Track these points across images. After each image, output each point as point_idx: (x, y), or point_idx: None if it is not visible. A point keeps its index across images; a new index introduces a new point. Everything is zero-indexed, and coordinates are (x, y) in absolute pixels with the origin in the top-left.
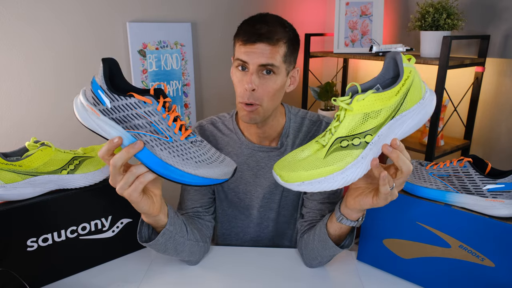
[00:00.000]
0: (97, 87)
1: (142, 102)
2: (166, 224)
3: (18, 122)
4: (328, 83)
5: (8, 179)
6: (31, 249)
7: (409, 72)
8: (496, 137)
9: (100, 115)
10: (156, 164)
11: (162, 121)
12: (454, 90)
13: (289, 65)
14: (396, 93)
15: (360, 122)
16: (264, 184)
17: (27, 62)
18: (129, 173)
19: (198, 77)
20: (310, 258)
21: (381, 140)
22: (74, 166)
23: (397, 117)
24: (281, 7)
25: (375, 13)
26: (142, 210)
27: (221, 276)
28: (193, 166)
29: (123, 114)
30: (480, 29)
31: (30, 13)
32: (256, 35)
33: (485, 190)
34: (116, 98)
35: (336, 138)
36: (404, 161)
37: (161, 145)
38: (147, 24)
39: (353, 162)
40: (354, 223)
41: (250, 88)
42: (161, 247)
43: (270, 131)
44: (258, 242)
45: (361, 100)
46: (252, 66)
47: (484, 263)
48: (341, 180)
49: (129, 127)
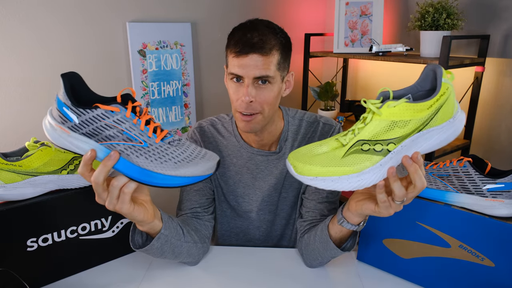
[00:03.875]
0: (62, 105)
1: (110, 111)
2: (161, 229)
3: (18, 122)
4: (328, 83)
5: (8, 179)
6: (31, 249)
7: (446, 89)
8: (496, 137)
9: (70, 132)
10: (135, 172)
11: (134, 127)
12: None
13: (283, 71)
14: (429, 106)
15: (386, 128)
16: (263, 187)
17: (27, 62)
18: (111, 187)
19: (198, 77)
20: (311, 259)
21: (403, 151)
22: (74, 166)
23: (424, 131)
24: (281, 7)
25: (375, 13)
26: (137, 220)
27: (221, 276)
28: (172, 168)
29: (92, 127)
30: (480, 29)
31: (30, 13)
32: (248, 46)
33: (485, 190)
34: (82, 112)
35: (358, 140)
36: (421, 176)
37: (136, 152)
38: (147, 24)
39: (371, 167)
40: (354, 227)
41: (248, 100)
42: (157, 252)
43: (269, 137)
44: (257, 242)
45: (392, 107)
46: (247, 79)
47: (484, 263)
48: (355, 183)
49: (101, 139)
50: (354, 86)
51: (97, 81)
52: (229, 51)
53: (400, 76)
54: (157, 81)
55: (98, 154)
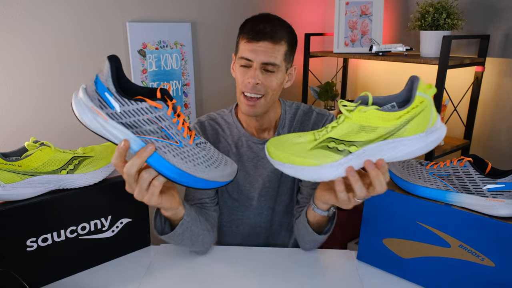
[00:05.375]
0: (104, 89)
1: (154, 107)
2: (184, 216)
3: (17, 122)
4: (328, 83)
5: (7, 179)
6: (31, 249)
7: (420, 102)
8: (496, 137)
9: (108, 120)
10: (169, 170)
11: (172, 125)
12: (454, 90)
13: (288, 63)
14: (398, 117)
15: (355, 131)
16: (264, 173)
17: (26, 62)
18: (141, 179)
19: (198, 77)
20: (302, 242)
21: (365, 155)
22: (74, 166)
23: (389, 140)
24: (281, 7)
25: (375, 12)
26: (165, 207)
27: (221, 276)
28: (204, 171)
29: (133, 119)
30: (480, 29)
31: (29, 13)
32: (260, 34)
33: (485, 190)
34: (126, 102)
35: (328, 137)
36: (381, 183)
37: (173, 151)
38: (147, 24)
39: (331, 164)
40: (324, 213)
41: (254, 82)
42: (178, 238)
43: (268, 123)
44: (257, 231)
45: (363, 112)
46: (256, 64)
47: (484, 263)
48: (315, 175)
49: (139, 132)
50: (354, 86)
51: None
52: (242, 37)
53: (400, 76)
54: (157, 81)
55: (132, 145)
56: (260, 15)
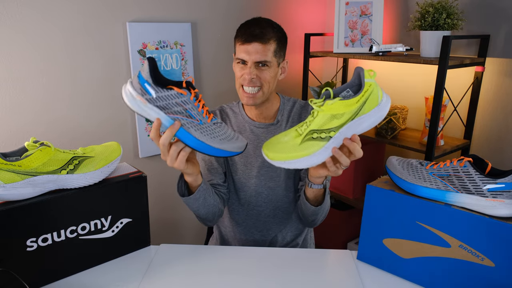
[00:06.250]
0: (144, 81)
1: (180, 94)
2: (201, 183)
3: (18, 122)
4: (328, 82)
5: (7, 179)
6: (31, 249)
7: (369, 86)
8: (496, 137)
9: (147, 103)
10: (193, 141)
11: (194, 108)
12: (454, 90)
13: (279, 58)
14: (357, 101)
15: (328, 120)
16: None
17: (26, 62)
18: (172, 150)
19: (198, 77)
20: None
21: (342, 135)
22: (74, 166)
23: (356, 119)
24: (281, 7)
25: (375, 13)
26: (188, 173)
27: (221, 276)
28: (219, 143)
29: (165, 103)
30: (480, 29)
31: (29, 13)
32: (251, 36)
33: (485, 190)
34: (160, 90)
35: (310, 130)
36: (359, 150)
37: (195, 127)
38: (147, 24)
39: (319, 150)
40: (320, 186)
41: (250, 78)
42: (194, 202)
43: (267, 111)
44: (258, 211)
45: (330, 104)
46: (250, 62)
47: (484, 263)
48: (310, 162)
49: (170, 112)
50: None
51: (97, 81)
52: (237, 40)
53: (400, 76)
54: None
55: (163, 122)
56: (252, 20)
